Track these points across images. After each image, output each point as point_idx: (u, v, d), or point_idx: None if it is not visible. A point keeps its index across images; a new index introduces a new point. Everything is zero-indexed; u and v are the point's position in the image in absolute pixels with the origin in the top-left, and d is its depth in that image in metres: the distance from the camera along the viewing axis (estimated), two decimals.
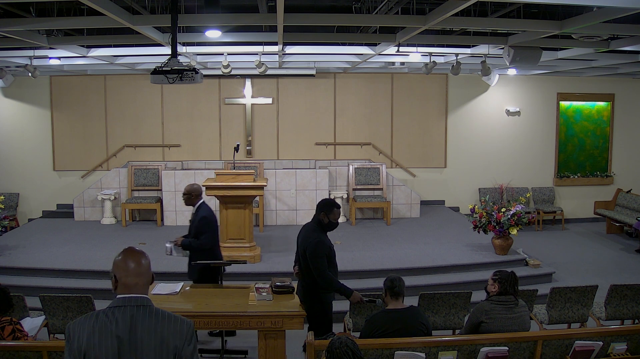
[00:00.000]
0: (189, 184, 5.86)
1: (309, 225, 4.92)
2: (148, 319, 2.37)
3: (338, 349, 3.14)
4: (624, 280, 6.85)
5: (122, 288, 2.41)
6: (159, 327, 2.37)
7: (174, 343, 2.37)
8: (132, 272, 2.41)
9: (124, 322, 2.34)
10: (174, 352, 2.37)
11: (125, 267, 2.41)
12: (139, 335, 2.34)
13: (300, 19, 5.75)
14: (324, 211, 4.81)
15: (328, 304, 4.95)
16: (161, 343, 2.35)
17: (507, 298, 4.25)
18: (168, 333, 2.37)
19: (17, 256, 8.04)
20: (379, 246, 8.67)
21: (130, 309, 2.37)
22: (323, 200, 5.03)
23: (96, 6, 4.67)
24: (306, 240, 4.80)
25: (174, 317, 2.43)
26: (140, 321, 2.36)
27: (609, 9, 4.79)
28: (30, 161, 11.40)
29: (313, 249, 4.72)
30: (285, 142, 11.68)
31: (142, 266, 2.43)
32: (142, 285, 2.43)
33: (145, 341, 2.34)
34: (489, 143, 11.86)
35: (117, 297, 2.41)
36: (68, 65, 9.31)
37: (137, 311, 2.38)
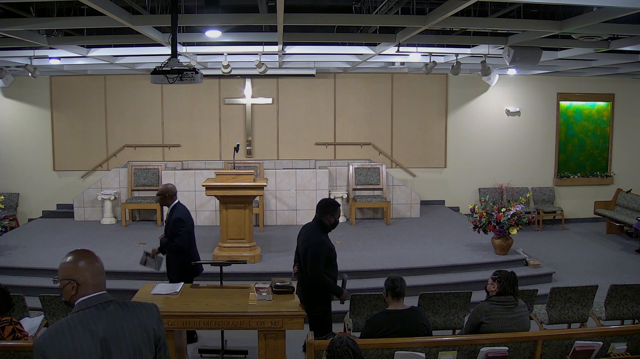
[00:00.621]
0: (163, 184, 5.82)
1: (309, 226, 4.91)
2: (122, 312, 2.40)
3: (339, 348, 3.14)
4: (624, 280, 6.85)
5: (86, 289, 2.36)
6: (135, 316, 2.42)
7: (151, 326, 2.45)
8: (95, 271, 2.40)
9: (101, 321, 2.33)
10: (153, 336, 2.46)
11: (86, 268, 2.37)
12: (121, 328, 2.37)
13: (300, 19, 5.75)
14: (330, 213, 4.80)
15: (328, 304, 4.96)
16: (142, 329, 2.42)
17: (507, 298, 4.25)
18: (144, 318, 2.44)
19: (17, 256, 8.04)
20: (379, 246, 8.67)
21: (101, 306, 2.36)
22: (324, 200, 4.99)
23: (96, 6, 4.67)
24: (308, 241, 4.79)
25: (141, 304, 2.51)
26: (117, 315, 2.38)
27: (609, 9, 4.79)
28: (30, 161, 11.41)
29: (314, 250, 4.73)
30: (285, 142, 11.69)
31: (98, 265, 2.44)
32: (103, 283, 2.44)
33: (128, 332, 2.38)
34: (489, 143, 11.86)
35: (83, 299, 2.36)
36: (68, 65, 9.31)
37: (109, 306, 2.39)
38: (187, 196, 10.10)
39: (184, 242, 5.58)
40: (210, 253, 7.93)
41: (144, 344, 2.42)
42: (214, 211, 9.99)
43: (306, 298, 4.81)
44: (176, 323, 4.61)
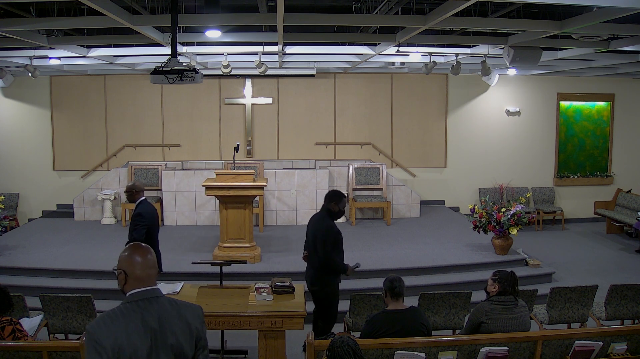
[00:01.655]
0: (129, 182, 5.81)
1: (318, 214, 5.37)
2: (171, 308, 2.51)
3: (339, 348, 3.14)
4: (624, 280, 6.84)
5: (135, 282, 2.47)
6: (182, 313, 2.52)
7: (194, 325, 2.55)
8: (144, 265, 2.49)
9: (151, 313, 2.43)
10: (195, 333, 2.55)
11: (136, 262, 2.49)
12: (169, 323, 2.47)
13: (300, 19, 5.75)
14: (334, 201, 5.26)
15: (336, 287, 5.34)
16: (187, 327, 2.52)
17: (507, 298, 4.24)
18: (190, 317, 2.54)
19: (17, 256, 8.04)
20: (379, 246, 8.67)
21: (152, 300, 2.47)
22: (332, 191, 5.47)
23: (96, 6, 4.67)
24: (317, 226, 5.23)
25: (188, 304, 2.62)
26: (165, 310, 2.48)
27: (609, 9, 4.79)
28: (30, 161, 11.41)
29: (324, 233, 5.15)
30: (285, 142, 11.69)
31: (151, 258, 2.53)
32: (154, 276, 2.54)
33: (175, 328, 2.47)
34: (489, 143, 11.86)
35: (134, 292, 2.46)
36: (68, 65, 9.31)
37: (158, 301, 2.49)
38: (187, 196, 10.11)
39: (141, 236, 5.49)
40: (210, 253, 7.94)
41: (187, 341, 2.51)
42: (214, 211, 9.99)
43: (317, 279, 5.23)
44: None
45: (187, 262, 7.42)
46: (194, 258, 7.63)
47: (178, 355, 2.48)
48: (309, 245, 5.40)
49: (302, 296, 4.93)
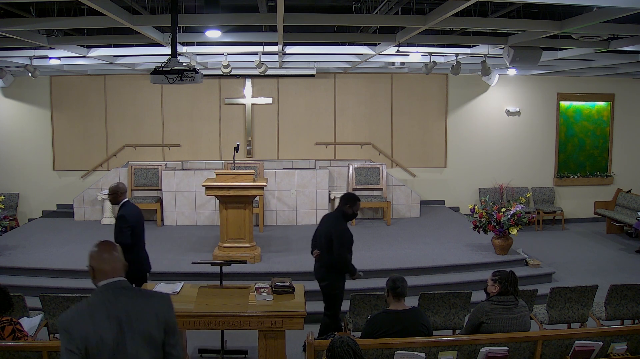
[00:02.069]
0: (113, 184, 5.77)
1: (332, 214, 5.65)
2: (138, 296, 2.68)
3: (339, 348, 3.14)
4: (624, 280, 6.85)
5: (102, 275, 2.65)
6: (149, 301, 2.69)
7: (162, 313, 2.68)
8: (110, 260, 2.67)
9: (117, 303, 2.59)
10: (164, 322, 2.68)
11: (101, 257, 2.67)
12: (134, 311, 2.61)
13: (300, 19, 5.75)
14: (349, 204, 5.49)
15: (344, 282, 5.59)
16: (155, 314, 2.66)
17: (508, 298, 4.24)
18: (157, 306, 2.69)
19: (17, 256, 8.04)
20: (379, 246, 8.67)
21: (117, 291, 2.63)
22: (348, 193, 5.74)
23: (96, 6, 4.67)
24: (333, 227, 5.45)
25: (155, 292, 2.84)
26: (132, 300, 2.63)
27: (609, 9, 4.79)
28: (30, 161, 11.41)
29: (340, 235, 5.38)
30: (285, 142, 11.69)
31: (116, 254, 2.70)
32: (119, 269, 2.69)
33: (143, 315, 2.62)
34: (489, 143, 11.86)
35: (101, 284, 2.64)
36: (68, 65, 9.31)
37: (124, 291, 2.65)
38: (187, 196, 10.11)
39: (126, 239, 5.48)
40: (210, 253, 7.94)
41: (155, 327, 2.64)
42: (214, 211, 9.99)
43: (326, 275, 5.47)
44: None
45: (187, 262, 7.42)
46: (194, 258, 7.63)
47: (147, 342, 2.60)
48: (320, 243, 5.55)
49: (302, 296, 4.94)
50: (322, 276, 5.53)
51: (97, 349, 2.51)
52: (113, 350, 2.53)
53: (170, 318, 2.72)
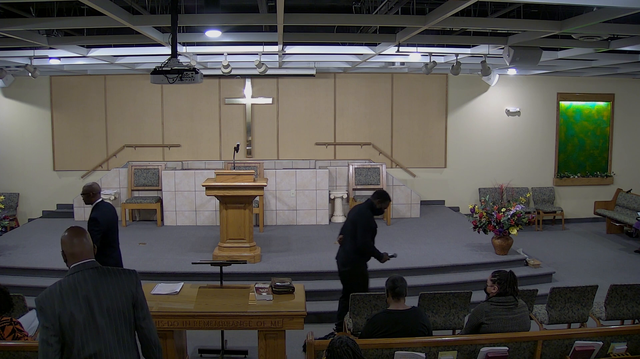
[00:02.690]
0: (87, 184, 5.71)
1: (362, 205, 5.94)
2: (105, 276, 2.89)
3: (339, 348, 3.14)
4: (624, 280, 6.85)
5: (73, 258, 2.90)
6: (115, 280, 2.89)
7: (130, 290, 2.90)
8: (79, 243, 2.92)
9: (86, 283, 2.83)
10: (131, 297, 2.90)
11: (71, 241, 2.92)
12: (103, 290, 2.84)
13: (300, 19, 5.75)
14: (379, 199, 5.84)
15: (365, 269, 5.89)
16: (122, 292, 2.87)
17: (507, 299, 4.24)
18: (124, 283, 2.90)
19: (17, 256, 8.04)
20: (379, 246, 8.57)
21: (86, 272, 2.86)
22: (382, 190, 6.02)
23: (96, 6, 4.67)
24: (359, 216, 5.81)
25: (122, 270, 3.00)
26: (99, 279, 2.86)
27: (609, 9, 4.79)
28: (30, 161, 11.41)
29: (365, 223, 5.75)
30: (285, 142, 11.69)
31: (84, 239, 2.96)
32: (88, 252, 2.93)
33: (110, 294, 2.84)
34: (489, 143, 11.86)
35: (72, 266, 2.89)
36: (68, 65, 9.31)
37: (93, 272, 2.88)
38: (187, 196, 10.11)
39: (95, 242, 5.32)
40: (210, 253, 7.94)
41: (124, 303, 2.86)
42: (214, 211, 9.99)
43: (348, 261, 5.83)
44: (176, 323, 4.61)
45: (187, 262, 7.43)
46: (194, 258, 7.64)
47: (116, 317, 2.83)
48: (346, 230, 5.92)
49: (302, 296, 4.93)
50: (344, 262, 5.87)
51: (69, 325, 2.74)
52: (84, 326, 2.75)
53: (138, 293, 2.92)
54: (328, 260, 7.87)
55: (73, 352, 2.74)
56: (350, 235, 5.81)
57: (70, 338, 2.74)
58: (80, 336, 2.74)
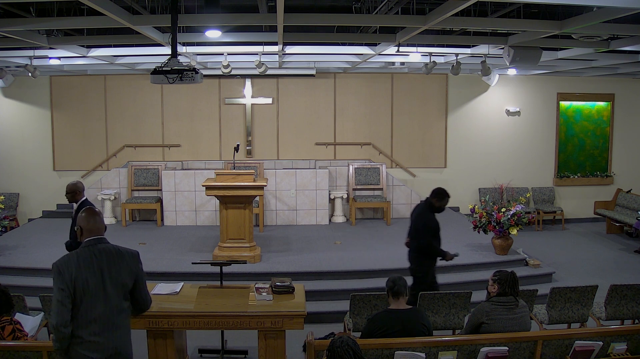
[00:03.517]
0: (71, 182, 5.75)
1: (421, 205, 6.09)
2: (114, 252, 3.40)
3: (339, 348, 3.14)
4: (624, 280, 6.85)
5: (88, 233, 3.40)
6: (123, 257, 3.41)
7: (133, 265, 3.43)
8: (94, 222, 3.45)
9: (100, 255, 3.34)
10: (134, 274, 3.43)
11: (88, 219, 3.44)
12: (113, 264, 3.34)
13: (300, 19, 5.75)
14: (437, 198, 5.90)
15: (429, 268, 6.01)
16: (127, 268, 3.39)
17: (508, 299, 4.24)
18: (129, 260, 3.43)
19: (17, 256, 8.04)
20: (379, 246, 8.67)
21: (100, 246, 3.38)
22: (438, 188, 6.01)
23: (96, 6, 4.67)
24: (419, 216, 5.96)
25: (128, 250, 3.50)
26: (110, 252, 3.38)
27: (609, 9, 4.79)
28: (30, 161, 11.41)
29: (424, 223, 5.90)
30: (285, 142, 11.69)
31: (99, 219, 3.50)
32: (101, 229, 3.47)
33: (118, 265, 3.36)
34: (489, 143, 11.86)
35: (87, 239, 3.38)
36: (68, 65, 9.31)
37: (106, 247, 3.40)
38: (187, 196, 10.11)
39: None
40: (210, 253, 7.94)
41: (127, 276, 3.39)
42: (214, 211, 9.99)
43: (413, 260, 6.00)
44: (176, 323, 4.61)
45: (187, 262, 7.43)
46: (194, 258, 7.64)
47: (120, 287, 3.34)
48: (410, 231, 6.09)
49: (302, 296, 4.93)
50: (411, 260, 6.06)
51: (83, 289, 3.21)
52: (95, 291, 3.24)
53: (139, 271, 3.47)
54: (328, 260, 7.89)
55: (80, 312, 3.21)
56: (413, 235, 6.00)
57: (81, 300, 3.20)
58: (89, 299, 3.22)
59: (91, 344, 3.22)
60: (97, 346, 3.23)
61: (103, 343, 3.25)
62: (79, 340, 3.21)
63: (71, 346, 3.21)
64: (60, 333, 3.14)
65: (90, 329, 3.22)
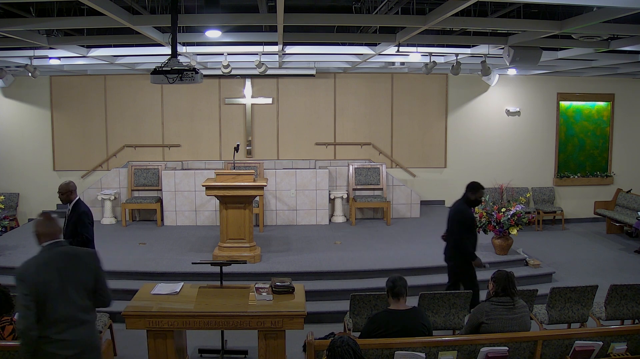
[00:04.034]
0: (64, 183, 5.78)
1: (458, 201, 6.09)
2: (73, 254, 3.54)
3: (340, 348, 3.15)
4: (624, 280, 6.85)
5: (45, 237, 3.50)
6: (82, 257, 3.55)
7: (92, 264, 3.57)
8: (50, 226, 3.55)
9: (59, 257, 3.46)
10: (94, 272, 3.56)
11: (44, 224, 3.54)
12: (72, 263, 3.47)
13: (300, 19, 5.75)
14: (471, 191, 5.96)
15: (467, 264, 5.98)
16: (87, 265, 3.53)
17: (506, 299, 4.24)
18: (89, 260, 3.57)
19: (17, 256, 8.03)
20: (379, 246, 8.67)
21: (58, 248, 3.50)
22: (472, 182, 6.08)
23: (96, 6, 4.67)
24: (453, 212, 6.04)
25: (86, 249, 3.78)
26: (68, 254, 3.51)
27: (609, 9, 4.79)
28: (30, 161, 11.41)
29: (458, 219, 5.95)
30: (285, 142, 11.69)
31: (54, 222, 3.57)
32: (58, 232, 3.56)
33: (77, 266, 3.49)
34: (489, 143, 11.86)
35: (45, 244, 3.50)
36: (68, 65, 9.31)
37: (64, 249, 3.52)
38: (187, 196, 10.11)
39: (90, 233, 5.64)
40: (210, 253, 7.94)
41: (87, 276, 3.52)
42: (214, 211, 9.99)
43: (452, 256, 6.07)
44: (176, 323, 4.61)
45: (187, 262, 7.42)
46: (194, 258, 7.64)
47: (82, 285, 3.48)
48: (447, 227, 6.20)
49: (302, 296, 4.94)
50: (449, 257, 6.15)
51: (45, 292, 3.35)
52: (56, 292, 3.37)
53: (99, 269, 3.61)
54: (328, 260, 7.89)
55: (46, 313, 3.35)
56: (450, 231, 6.10)
57: (44, 303, 3.35)
58: (53, 301, 3.36)
59: (59, 342, 3.38)
60: (66, 344, 3.39)
61: (71, 340, 3.41)
62: (47, 340, 3.35)
63: (40, 346, 3.35)
64: (28, 337, 3.30)
65: (56, 329, 3.37)
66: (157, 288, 5.09)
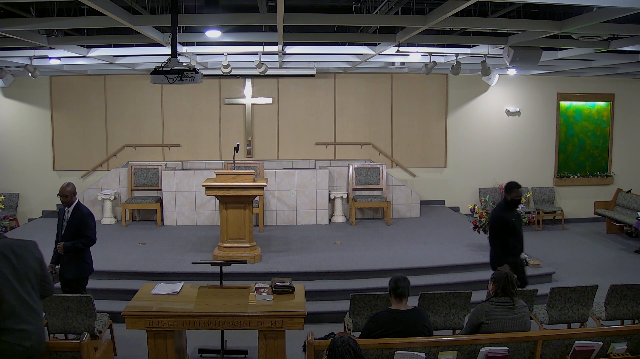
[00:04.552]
0: (67, 186, 5.76)
1: (498, 204, 6.29)
2: (17, 244, 3.63)
3: (340, 347, 3.15)
4: (624, 280, 6.84)
5: None
6: (27, 247, 3.67)
7: (37, 254, 3.71)
8: None
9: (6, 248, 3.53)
10: (39, 260, 3.70)
11: None
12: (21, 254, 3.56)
13: (300, 19, 5.75)
14: (507, 192, 6.01)
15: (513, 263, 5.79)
16: (34, 256, 3.67)
17: (506, 299, 4.24)
18: (31, 248, 3.70)
19: None
20: (379, 246, 8.67)
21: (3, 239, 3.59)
22: (508, 182, 6.17)
23: (96, 6, 4.67)
24: (492, 215, 6.20)
25: (25, 240, 3.79)
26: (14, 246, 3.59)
27: (609, 9, 4.80)
28: (30, 161, 11.41)
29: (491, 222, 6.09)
30: (285, 142, 11.69)
31: None
32: None
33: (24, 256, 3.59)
34: (489, 143, 11.86)
35: None
36: (68, 65, 9.31)
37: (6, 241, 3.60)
38: (187, 196, 10.11)
39: (95, 234, 5.75)
40: (210, 253, 7.94)
41: (36, 265, 3.66)
42: (214, 211, 9.99)
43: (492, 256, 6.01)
44: (176, 323, 4.61)
45: (187, 262, 7.43)
46: (194, 258, 7.64)
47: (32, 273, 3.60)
48: None
49: (302, 296, 4.94)
50: (491, 260, 6.08)
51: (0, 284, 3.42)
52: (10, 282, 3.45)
53: (41, 258, 3.77)
54: (328, 260, 7.89)
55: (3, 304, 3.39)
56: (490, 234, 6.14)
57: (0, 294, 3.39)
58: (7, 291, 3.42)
59: (19, 333, 3.44)
60: (26, 334, 3.46)
61: (30, 330, 3.48)
62: (7, 331, 3.41)
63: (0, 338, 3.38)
64: None
65: (15, 319, 3.44)
66: (157, 288, 5.09)
